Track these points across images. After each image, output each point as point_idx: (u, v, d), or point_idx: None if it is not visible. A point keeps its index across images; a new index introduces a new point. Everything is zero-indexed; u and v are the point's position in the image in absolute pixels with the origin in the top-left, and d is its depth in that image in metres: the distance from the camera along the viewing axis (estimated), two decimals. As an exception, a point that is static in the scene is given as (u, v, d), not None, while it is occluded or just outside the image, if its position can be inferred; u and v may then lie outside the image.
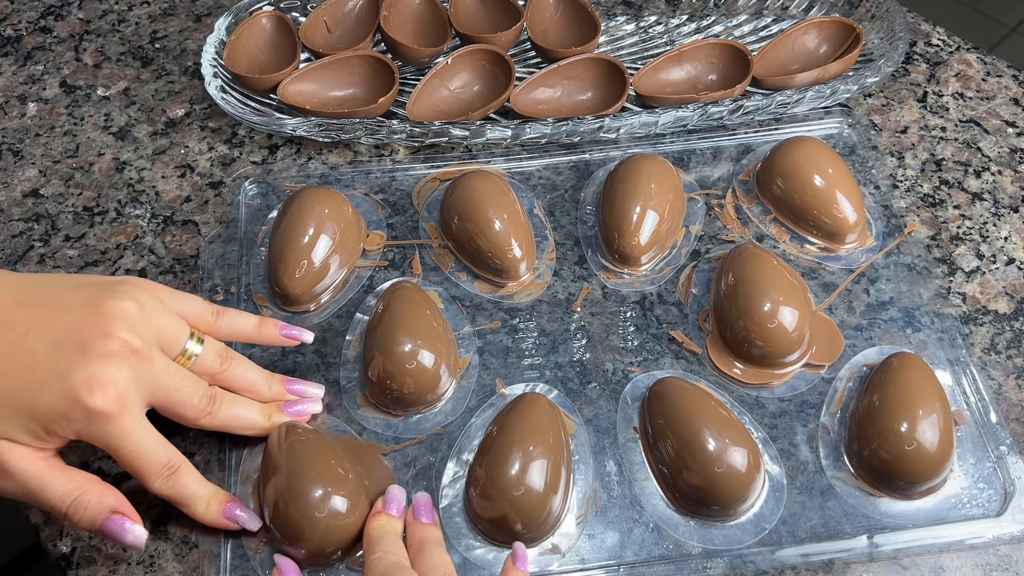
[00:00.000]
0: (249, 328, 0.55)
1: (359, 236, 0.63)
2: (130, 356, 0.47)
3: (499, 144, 0.68)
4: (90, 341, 0.46)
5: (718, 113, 0.67)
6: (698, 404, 0.53)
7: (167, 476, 0.49)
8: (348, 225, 0.62)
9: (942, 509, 0.52)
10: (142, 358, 0.48)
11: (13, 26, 0.80)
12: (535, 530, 0.51)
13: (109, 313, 0.48)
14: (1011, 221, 0.65)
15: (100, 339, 0.47)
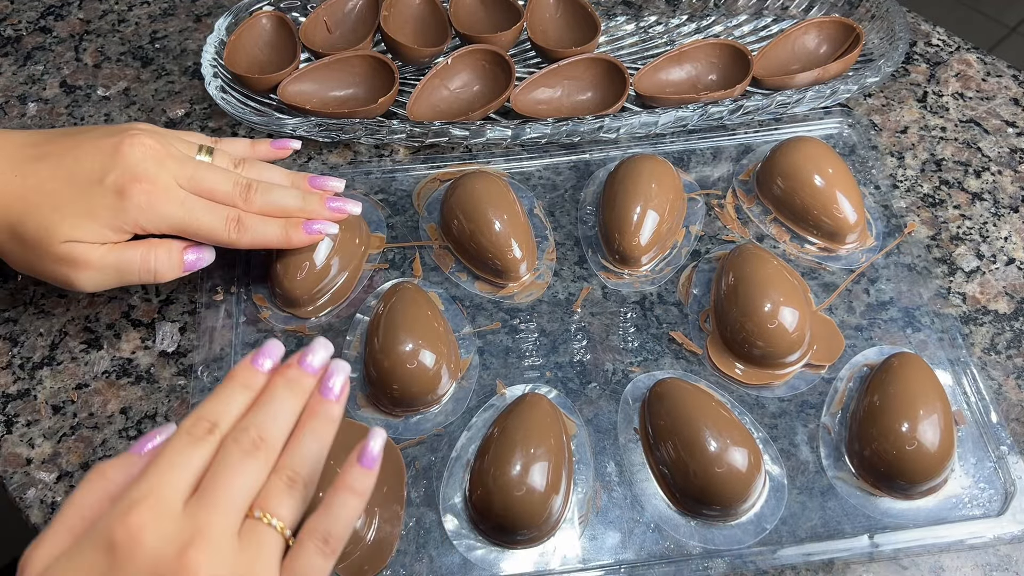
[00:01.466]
0: (244, 147, 0.61)
1: (360, 238, 0.63)
2: (153, 150, 0.54)
3: (499, 144, 0.68)
4: (117, 147, 0.53)
5: (718, 113, 0.67)
6: (698, 404, 0.53)
7: (235, 227, 0.55)
8: (348, 227, 0.62)
9: (943, 509, 0.52)
10: (165, 151, 0.55)
11: (13, 26, 0.80)
12: (536, 530, 0.51)
13: (128, 127, 0.55)
14: (1011, 221, 0.65)
15: (125, 143, 0.53)
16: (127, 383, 0.59)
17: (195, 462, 0.40)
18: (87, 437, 0.57)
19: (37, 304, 0.63)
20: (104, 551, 0.36)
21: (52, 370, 0.60)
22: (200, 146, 0.58)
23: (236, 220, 0.56)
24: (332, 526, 0.40)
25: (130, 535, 0.36)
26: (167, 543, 0.37)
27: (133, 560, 0.36)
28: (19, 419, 0.58)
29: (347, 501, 0.41)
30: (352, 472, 0.41)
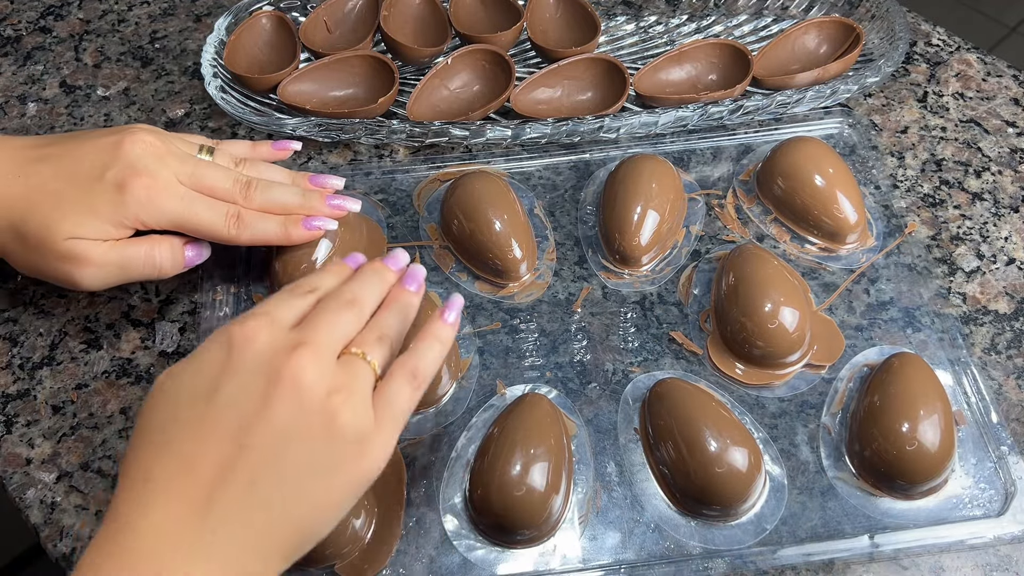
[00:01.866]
0: (245, 148, 0.61)
1: (360, 238, 0.63)
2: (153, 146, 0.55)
3: (499, 144, 0.68)
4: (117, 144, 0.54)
5: (718, 113, 0.67)
6: (699, 404, 0.53)
7: (235, 224, 0.56)
8: (349, 226, 0.61)
9: (943, 509, 0.52)
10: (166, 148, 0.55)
11: (13, 26, 0.80)
12: (536, 530, 0.51)
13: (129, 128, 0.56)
14: (1011, 221, 0.65)
15: (126, 141, 0.54)
16: (127, 383, 0.59)
17: (300, 304, 0.46)
18: (87, 437, 0.57)
19: (37, 304, 0.62)
20: (222, 348, 0.43)
21: (52, 370, 0.60)
22: (201, 146, 0.58)
23: (236, 216, 0.56)
24: (419, 363, 0.46)
25: (245, 336, 0.43)
26: (279, 344, 0.43)
27: (246, 353, 0.42)
28: (19, 419, 0.58)
29: (432, 346, 0.47)
30: (436, 323, 0.48)
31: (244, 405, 0.41)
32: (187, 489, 0.40)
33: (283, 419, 0.41)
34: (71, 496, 0.55)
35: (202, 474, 0.40)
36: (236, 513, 0.40)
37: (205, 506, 0.39)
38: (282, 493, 0.41)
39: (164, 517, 0.39)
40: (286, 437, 0.41)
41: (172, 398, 0.42)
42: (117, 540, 0.39)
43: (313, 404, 0.42)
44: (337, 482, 0.42)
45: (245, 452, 0.40)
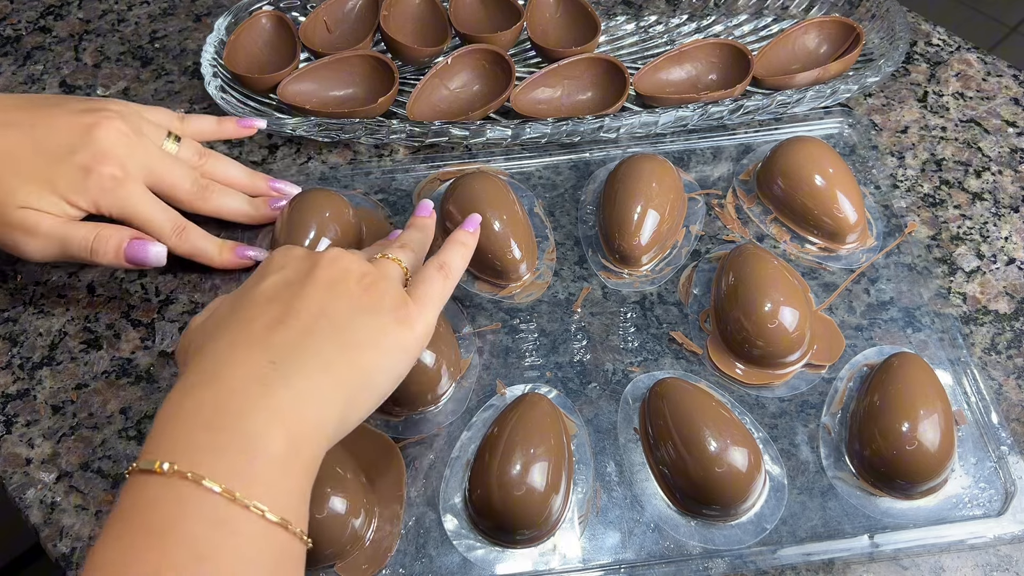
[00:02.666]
0: (211, 125, 0.64)
1: (359, 239, 0.63)
2: (126, 136, 0.56)
3: (499, 144, 0.68)
4: (91, 127, 0.55)
5: (718, 113, 0.67)
6: (699, 404, 0.53)
7: (179, 233, 0.59)
8: (348, 227, 0.61)
9: (943, 509, 0.52)
10: (137, 140, 0.57)
11: (13, 26, 0.80)
12: (536, 530, 0.51)
13: (102, 107, 0.57)
14: (1011, 221, 0.65)
15: (100, 125, 0.56)
16: (127, 383, 0.59)
17: None
18: (87, 437, 0.57)
19: (37, 304, 0.62)
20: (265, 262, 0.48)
21: (52, 370, 0.60)
22: (169, 132, 0.60)
23: (182, 229, 0.59)
24: (448, 258, 0.52)
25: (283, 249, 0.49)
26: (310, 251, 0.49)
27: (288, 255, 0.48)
28: (19, 419, 0.58)
29: (458, 248, 0.54)
30: (460, 232, 0.55)
31: (290, 281, 0.46)
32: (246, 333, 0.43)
33: (324, 283, 0.46)
34: (71, 496, 0.54)
35: (259, 323, 0.44)
36: (292, 343, 0.43)
37: (264, 341, 0.43)
38: (334, 337, 0.44)
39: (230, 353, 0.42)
40: (331, 295, 0.45)
41: (231, 300, 0.47)
42: (186, 383, 0.42)
43: (351, 276, 0.47)
44: (382, 348, 0.45)
45: (296, 308, 0.44)
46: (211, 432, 0.39)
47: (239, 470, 0.38)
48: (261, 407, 0.40)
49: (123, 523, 0.38)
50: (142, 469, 0.38)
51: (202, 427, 0.39)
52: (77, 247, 0.57)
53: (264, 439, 0.39)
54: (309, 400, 0.42)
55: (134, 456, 0.56)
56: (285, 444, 0.40)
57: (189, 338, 0.46)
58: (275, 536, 0.38)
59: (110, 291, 0.63)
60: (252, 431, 0.39)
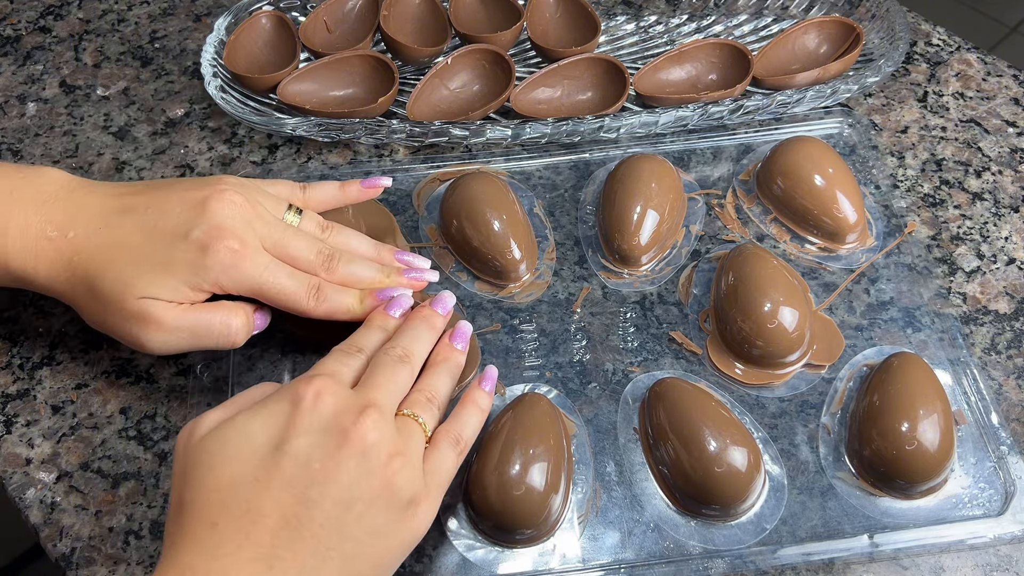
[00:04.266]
0: (333, 192, 0.59)
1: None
2: (241, 208, 0.52)
3: (499, 144, 0.68)
4: (204, 201, 0.52)
5: (718, 113, 0.67)
6: (698, 404, 0.53)
7: (314, 294, 0.54)
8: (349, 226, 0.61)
9: (943, 509, 0.52)
10: (254, 210, 0.53)
11: (12, 26, 0.80)
12: (535, 530, 0.51)
13: (217, 182, 0.53)
14: (1012, 221, 0.65)
15: (213, 198, 0.52)
16: (126, 383, 0.59)
17: (354, 364, 0.48)
18: (86, 437, 0.57)
19: (37, 304, 0.62)
20: (290, 404, 0.44)
21: (52, 370, 0.60)
22: (290, 205, 0.56)
23: (316, 288, 0.54)
24: (462, 430, 0.49)
25: (315, 393, 0.44)
26: (344, 405, 0.44)
27: (315, 412, 0.44)
28: (18, 419, 0.58)
29: (473, 412, 0.50)
30: (476, 391, 0.51)
31: (312, 462, 0.42)
32: (254, 538, 0.40)
33: (349, 479, 0.42)
34: (71, 496, 0.54)
35: (268, 524, 0.41)
36: (299, 568, 0.41)
37: (269, 555, 0.40)
38: (342, 552, 0.42)
39: (232, 564, 0.40)
40: (350, 497, 0.42)
41: (236, 448, 0.43)
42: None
43: (376, 467, 0.43)
44: (391, 544, 0.44)
45: (311, 508, 0.41)
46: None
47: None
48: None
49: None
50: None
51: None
52: (213, 335, 0.53)
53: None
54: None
55: (134, 456, 0.56)
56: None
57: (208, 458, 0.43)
58: None
59: (110, 291, 0.63)
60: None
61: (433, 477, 0.46)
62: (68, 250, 0.52)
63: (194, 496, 0.42)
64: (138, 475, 0.55)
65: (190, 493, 0.42)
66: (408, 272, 0.57)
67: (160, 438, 0.57)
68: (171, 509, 0.43)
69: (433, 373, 0.51)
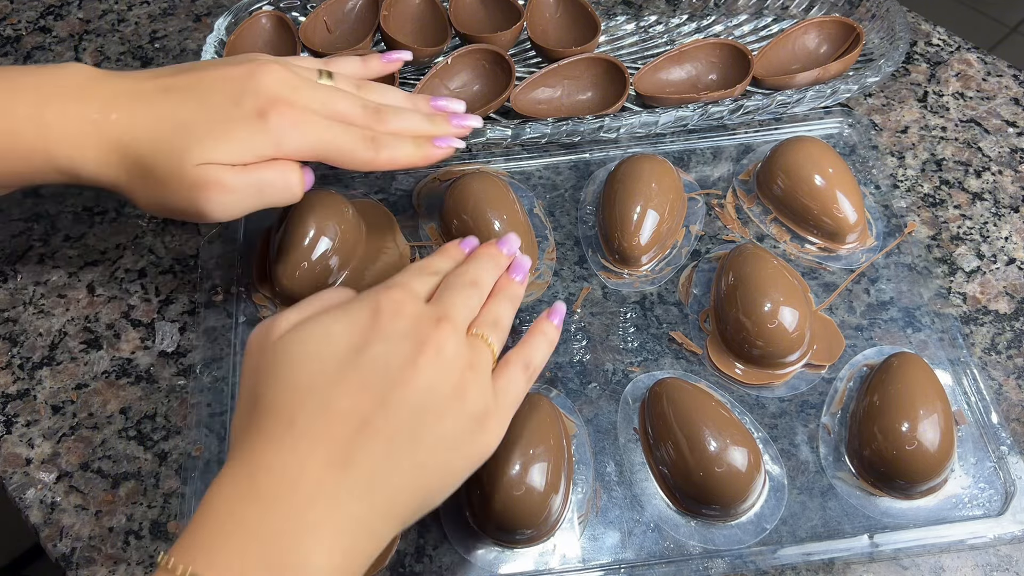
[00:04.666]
0: (356, 66, 0.59)
1: (359, 237, 0.63)
2: (287, 75, 0.52)
3: (499, 144, 0.68)
4: (251, 74, 0.52)
5: (718, 113, 0.67)
6: (698, 404, 0.53)
7: (372, 145, 0.54)
8: (349, 227, 0.61)
9: (943, 509, 0.52)
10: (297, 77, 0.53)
11: (13, 26, 0.80)
12: (536, 530, 0.51)
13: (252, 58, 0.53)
14: (1012, 221, 0.65)
15: (259, 70, 0.52)
16: (127, 383, 0.59)
17: (428, 282, 0.49)
18: (87, 437, 0.57)
19: (37, 304, 0.63)
20: (370, 311, 0.44)
21: (52, 370, 0.60)
22: (320, 71, 0.56)
23: (372, 138, 0.54)
24: (532, 356, 0.49)
25: (393, 303, 0.45)
26: (422, 315, 0.45)
27: (395, 320, 0.44)
28: (19, 419, 0.58)
29: (542, 342, 0.50)
30: (545, 323, 0.51)
31: (391, 368, 0.42)
32: (330, 438, 0.40)
33: (425, 386, 0.43)
34: (71, 496, 0.55)
35: (345, 426, 0.41)
36: (372, 471, 0.41)
37: (345, 460, 0.40)
38: (414, 459, 0.42)
39: (308, 462, 0.40)
40: (425, 404, 0.42)
41: (317, 349, 0.43)
42: (255, 479, 0.39)
43: (451, 378, 0.44)
44: (460, 456, 0.44)
45: (387, 411, 0.42)
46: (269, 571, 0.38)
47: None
48: (326, 546, 0.39)
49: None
50: None
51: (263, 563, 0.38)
52: (276, 190, 0.52)
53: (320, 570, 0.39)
54: (368, 539, 0.41)
55: (134, 456, 0.56)
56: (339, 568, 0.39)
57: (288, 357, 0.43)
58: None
59: (110, 291, 0.63)
60: (311, 563, 0.38)
61: (503, 396, 0.46)
62: (115, 131, 0.51)
63: (271, 393, 0.42)
64: (138, 475, 0.55)
65: (267, 390, 0.42)
66: (452, 119, 0.58)
67: (160, 438, 0.57)
68: (241, 406, 0.44)
69: (497, 301, 0.50)
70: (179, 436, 0.57)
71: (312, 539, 0.39)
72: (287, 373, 0.42)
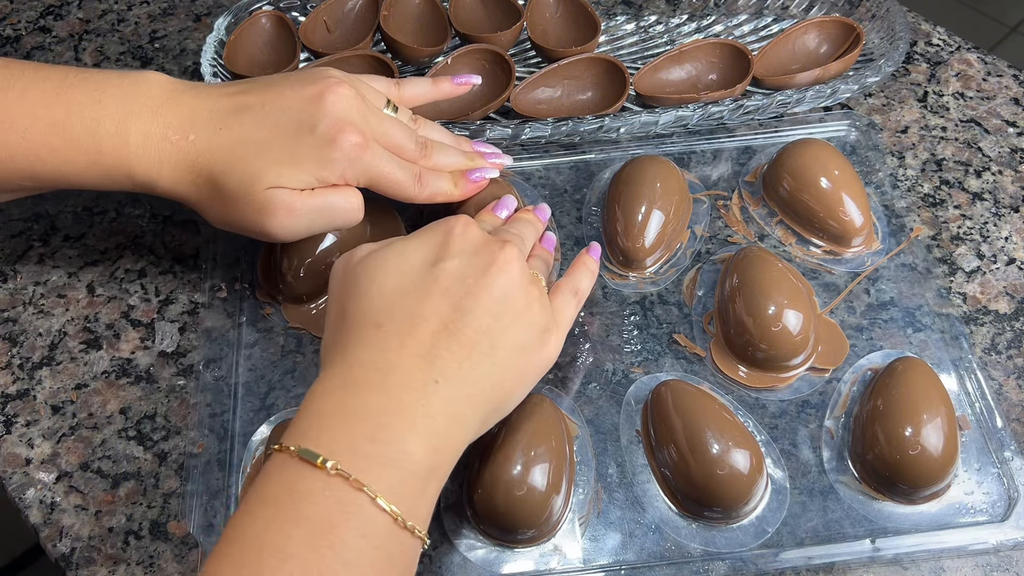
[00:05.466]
0: (426, 88, 0.63)
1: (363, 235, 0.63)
2: (356, 101, 0.55)
3: (499, 144, 0.68)
4: (321, 96, 0.54)
5: (718, 113, 0.67)
6: (701, 406, 0.53)
7: (419, 182, 0.57)
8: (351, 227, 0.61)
9: (946, 514, 0.52)
10: (365, 104, 0.56)
11: (12, 26, 0.80)
12: (536, 530, 0.51)
13: (325, 75, 0.55)
14: (1012, 221, 0.65)
15: (330, 91, 0.54)
16: (127, 383, 0.59)
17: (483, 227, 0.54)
18: (86, 437, 0.57)
19: (37, 304, 0.62)
20: (443, 232, 0.49)
21: (51, 370, 0.60)
22: (388, 100, 0.59)
23: (419, 176, 0.58)
24: (578, 284, 0.55)
25: (462, 226, 0.50)
26: (489, 239, 0.50)
27: (465, 238, 0.49)
28: (18, 419, 0.58)
29: (585, 273, 0.56)
30: (586, 257, 0.57)
31: (466, 278, 0.47)
32: (415, 338, 0.45)
33: (497, 294, 0.47)
34: (71, 496, 0.54)
35: (428, 328, 0.45)
36: (456, 363, 0.45)
37: (430, 353, 0.45)
38: (492, 358, 0.46)
39: (397, 357, 0.44)
40: (498, 310, 0.47)
41: (396, 265, 0.48)
42: (351, 374, 0.44)
43: (519, 290, 0.48)
44: (529, 363, 0.49)
45: (465, 315, 0.46)
46: (375, 444, 0.42)
47: (393, 485, 0.41)
48: (420, 428, 0.43)
49: (274, 507, 0.40)
50: (302, 457, 0.41)
51: (367, 438, 0.42)
52: (339, 215, 0.55)
53: (416, 457, 0.42)
54: (457, 425, 0.45)
55: (134, 456, 0.56)
56: (431, 463, 0.43)
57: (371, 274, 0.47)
58: (413, 550, 0.43)
59: (110, 291, 0.63)
60: (408, 449, 0.42)
61: (559, 315, 0.52)
62: (191, 152, 0.53)
63: (358, 304, 0.46)
64: (138, 475, 0.55)
65: (354, 303, 0.47)
66: (489, 158, 0.63)
67: (160, 438, 0.57)
68: (331, 323, 0.48)
69: (533, 259, 0.55)
70: (179, 436, 0.57)
71: (407, 420, 0.43)
72: (370, 286, 0.47)
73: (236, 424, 0.56)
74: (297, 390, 0.58)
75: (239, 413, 0.57)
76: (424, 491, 0.43)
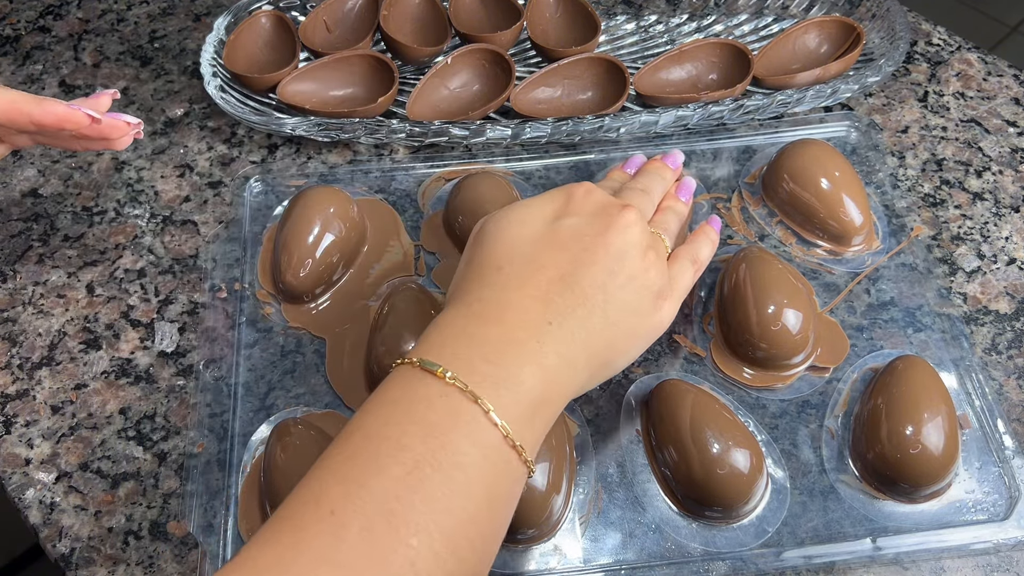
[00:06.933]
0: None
1: (363, 235, 0.63)
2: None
3: (499, 144, 0.68)
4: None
5: (718, 113, 0.67)
6: (701, 406, 0.53)
7: None
8: (352, 223, 0.61)
9: (947, 513, 0.52)
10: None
11: (12, 26, 0.80)
12: (537, 530, 0.51)
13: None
14: (1012, 221, 0.65)
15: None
16: (126, 383, 0.59)
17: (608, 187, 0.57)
18: (86, 437, 0.57)
19: (36, 304, 0.62)
20: (565, 194, 0.51)
21: (51, 370, 0.60)
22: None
23: None
24: (698, 252, 0.55)
25: (584, 189, 0.51)
26: (610, 201, 0.51)
27: (587, 200, 0.50)
28: (18, 419, 0.57)
29: (706, 242, 0.57)
30: (707, 227, 0.58)
31: (584, 234, 0.48)
32: (533, 282, 0.46)
33: (615, 252, 0.48)
34: (70, 496, 0.54)
35: (546, 274, 0.47)
36: (568, 311, 0.46)
37: (545, 297, 0.46)
38: (605, 312, 0.47)
39: (516, 296, 0.46)
40: (614, 268, 0.48)
41: (520, 218, 0.49)
42: (471, 307, 0.46)
43: (636, 252, 0.49)
44: (642, 324, 0.49)
45: (582, 268, 0.47)
46: (490, 365, 0.43)
47: (505, 405, 0.42)
48: (533, 361, 0.44)
49: (393, 406, 0.42)
50: (424, 367, 0.42)
51: (483, 359, 0.43)
52: None
53: (528, 386, 0.43)
54: (566, 367, 0.45)
55: (134, 456, 0.56)
56: (540, 395, 0.44)
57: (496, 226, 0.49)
58: (519, 473, 0.43)
59: (110, 291, 0.63)
60: (521, 377, 0.43)
61: (675, 282, 0.52)
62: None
63: (483, 250, 0.48)
64: (138, 475, 0.55)
65: (477, 251, 0.49)
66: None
67: (160, 438, 0.57)
68: (459, 269, 0.50)
69: (664, 213, 0.56)
70: (179, 436, 0.57)
71: (521, 351, 0.44)
72: (495, 236, 0.49)
73: (236, 424, 0.56)
74: (297, 390, 0.57)
75: (239, 413, 0.57)
76: (532, 420, 0.44)
